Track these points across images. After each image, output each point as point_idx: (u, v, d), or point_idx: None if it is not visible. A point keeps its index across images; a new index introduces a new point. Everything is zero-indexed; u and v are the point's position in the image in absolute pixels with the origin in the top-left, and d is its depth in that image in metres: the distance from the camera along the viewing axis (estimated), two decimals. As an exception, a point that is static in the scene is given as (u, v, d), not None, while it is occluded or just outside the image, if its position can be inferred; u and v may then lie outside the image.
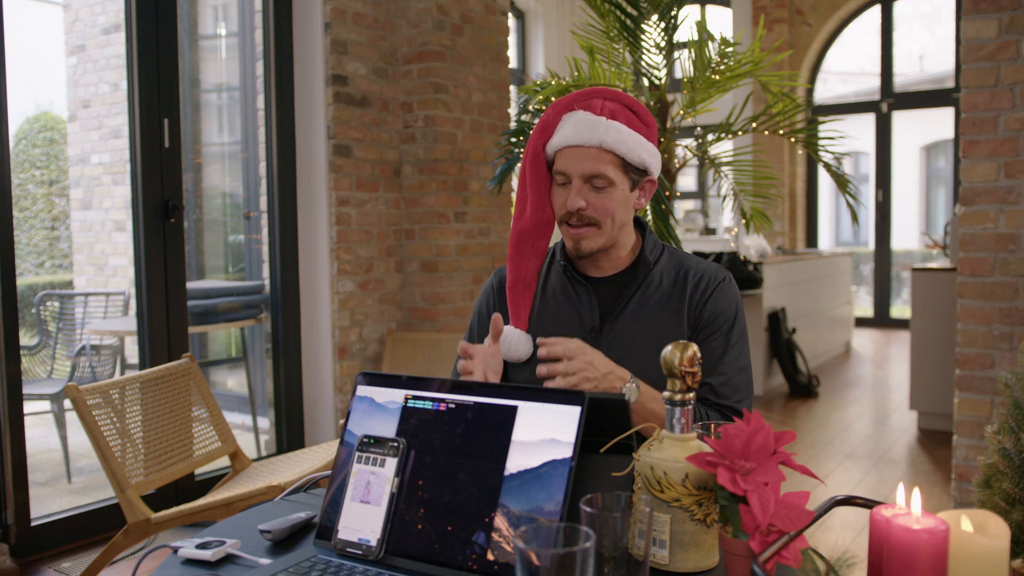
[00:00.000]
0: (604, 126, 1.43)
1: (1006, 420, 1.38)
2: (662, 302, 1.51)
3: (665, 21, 3.40)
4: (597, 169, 1.44)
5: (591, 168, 1.44)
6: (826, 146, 3.61)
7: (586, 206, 1.45)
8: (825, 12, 8.40)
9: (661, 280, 1.52)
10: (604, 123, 1.43)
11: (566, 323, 1.54)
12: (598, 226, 1.47)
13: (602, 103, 1.47)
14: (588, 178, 1.45)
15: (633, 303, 1.51)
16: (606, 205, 1.46)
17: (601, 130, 1.43)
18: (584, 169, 1.44)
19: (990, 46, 2.90)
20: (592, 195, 1.45)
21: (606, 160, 1.44)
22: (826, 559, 1.03)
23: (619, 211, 1.47)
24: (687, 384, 1.02)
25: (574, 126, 1.45)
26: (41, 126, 5.72)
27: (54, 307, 4.49)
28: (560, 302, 1.56)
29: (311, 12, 3.76)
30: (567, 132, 1.46)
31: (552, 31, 7.73)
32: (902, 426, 4.73)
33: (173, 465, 2.48)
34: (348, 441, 1.16)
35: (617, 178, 1.45)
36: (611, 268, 1.55)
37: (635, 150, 1.45)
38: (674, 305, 1.51)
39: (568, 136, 1.45)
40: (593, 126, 1.43)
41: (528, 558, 0.78)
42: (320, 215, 3.80)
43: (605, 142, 1.43)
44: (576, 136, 1.44)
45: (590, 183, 1.45)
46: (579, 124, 1.45)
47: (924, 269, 4.66)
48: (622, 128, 1.44)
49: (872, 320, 8.89)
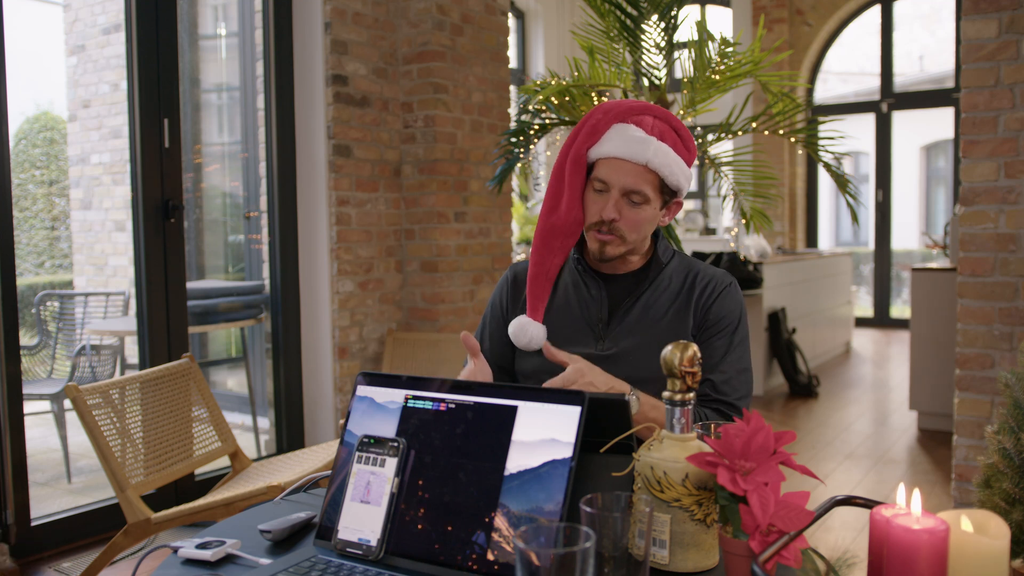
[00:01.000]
0: (654, 147, 1.48)
1: (1006, 420, 1.38)
2: (669, 302, 1.55)
3: (665, 21, 3.40)
4: (638, 186, 1.49)
5: (632, 184, 1.49)
6: (826, 146, 3.60)
7: (619, 218, 1.50)
8: (825, 12, 8.40)
9: (670, 282, 1.57)
10: (654, 144, 1.48)
11: (575, 316, 1.58)
12: (624, 238, 1.51)
13: (653, 121, 1.51)
14: (627, 192, 1.49)
15: (642, 301, 1.55)
16: (637, 220, 1.51)
17: (651, 150, 1.48)
18: (626, 184, 1.49)
19: (990, 46, 2.90)
20: (627, 209, 1.50)
21: (648, 179, 1.49)
22: (826, 559, 1.03)
23: (646, 227, 1.53)
24: (687, 384, 1.02)
25: (624, 140, 1.49)
26: (41, 126, 5.72)
27: (54, 307, 4.49)
28: (571, 295, 1.60)
29: (311, 12, 3.76)
30: (617, 144, 1.49)
31: (552, 31, 7.73)
32: (902, 426, 4.73)
33: (173, 465, 2.48)
34: (348, 441, 1.16)
35: (652, 197, 1.51)
36: (623, 268, 1.60)
37: (675, 173, 1.51)
38: (680, 306, 1.55)
39: (617, 148, 1.49)
40: (644, 145, 1.48)
41: (528, 558, 0.78)
42: (320, 215, 3.80)
43: (652, 162, 1.48)
44: (625, 150, 1.48)
45: (628, 197, 1.50)
46: (630, 140, 1.49)
47: (924, 269, 4.66)
48: (668, 151, 1.49)
49: (872, 320, 8.89)
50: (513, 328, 1.58)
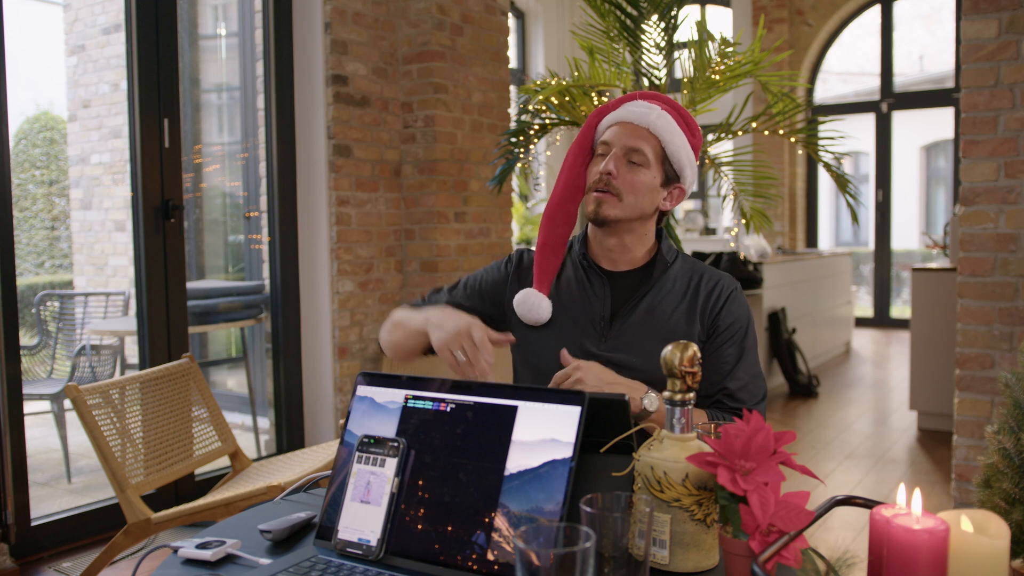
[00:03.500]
0: (656, 113, 1.53)
1: (1006, 420, 1.38)
2: (674, 303, 1.55)
3: (665, 21, 3.40)
4: (638, 144, 1.52)
5: (633, 142, 1.53)
6: (826, 146, 3.60)
7: (616, 174, 1.52)
8: (825, 12, 8.40)
9: (675, 283, 1.57)
10: (657, 110, 1.54)
11: (578, 311, 1.57)
12: (620, 198, 1.53)
13: (660, 102, 1.57)
14: (628, 151, 1.53)
15: (646, 301, 1.55)
16: (634, 181, 1.52)
17: (653, 116, 1.53)
18: (627, 142, 1.53)
19: (990, 46, 2.90)
20: (625, 168, 1.53)
21: (649, 142, 1.53)
22: (826, 559, 1.02)
23: (644, 192, 1.54)
24: (687, 384, 1.02)
25: (628, 108, 1.56)
26: (41, 126, 5.72)
27: (54, 307, 4.49)
28: (574, 291, 1.59)
29: (311, 12, 3.76)
30: (621, 112, 1.56)
31: (552, 31, 7.72)
32: (902, 426, 4.73)
33: (173, 465, 2.48)
34: (348, 441, 1.16)
35: (653, 162, 1.54)
36: (626, 264, 1.59)
37: (677, 144, 1.54)
38: (685, 307, 1.54)
39: (621, 115, 1.56)
40: (647, 110, 1.54)
41: (528, 558, 0.78)
42: (320, 215, 3.80)
43: (654, 125, 1.53)
44: (628, 115, 1.55)
45: (628, 157, 1.53)
46: (634, 107, 1.56)
47: (924, 269, 4.66)
48: (671, 122, 1.54)
49: (872, 320, 8.89)
50: (519, 298, 1.56)
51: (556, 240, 1.60)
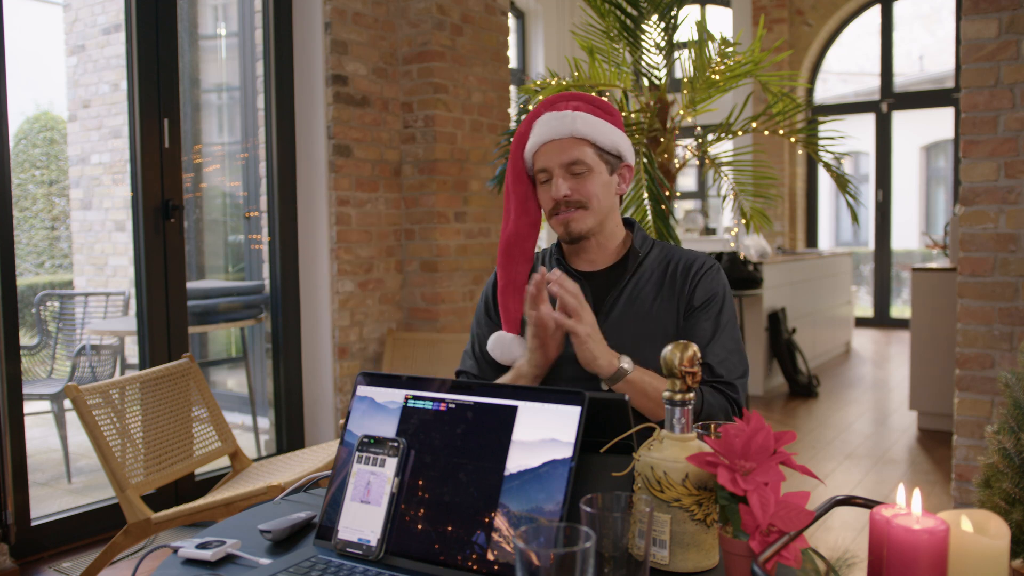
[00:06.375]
0: (571, 117, 1.52)
1: (1006, 420, 1.38)
2: (654, 292, 1.56)
3: (665, 21, 3.40)
4: (573, 156, 1.52)
5: (568, 156, 1.52)
6: (826, 146, 3.61)
7: (571, 192, 1.52)
8: (825, 12, 8.40)
9: (652, 272, 1.58)
10: (571, 114, 1.52)
11: None
12: (585, 207, 1.53)
13: (565, 103, 1.56)
14: (567, 166, 1.52)
15: (626, 294, 1.56)
16: (588, 188, 1.53)
17: (568, 121, 1.52)
18: (562, 159, 1.52)
19: (990, 46, 2.90)
20: (574, 181, 1.53)
21: (581, 147, 1.52)
22: (826, 559, 1.02)
23: (601, 194, 1.54)
24: (687, 384, 1.02)
25: (545, 125, 1.54)
26: (41, 126, 5.72)
27: (54, 307, 4.49)
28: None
29: (311, 12, 3.76)
30: (540, 132, 1.55)
31: (552, 31, 7.72)
32: (902, 426, 4.73)
33: (173, 465, 2.48)
34: (348, 441, 1.16)
35: (594, 163, 1.53)
36: (602, 262, 1.61)
37: (605, 134, 1.53)
38: (665, 293, 1.55)
39: (541, 135, 1.54)
40: (561, 119, 1.53)
41: (528, 558, 0.78)
42: (320, 215, 3.80)
43: (576, 130, 1.52)
44: (548, 132, 1.53)
45: (569, 171, 1.52)
46: (549, 122, 1.54)
47: (924, 269, 4.66)
48: (588, 116, 1.53)
49: (872, 320, 8.89)
50: (492, 344, 1.59)
51: (518, 280, 1.59)
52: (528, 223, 1.59)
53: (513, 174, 1.60)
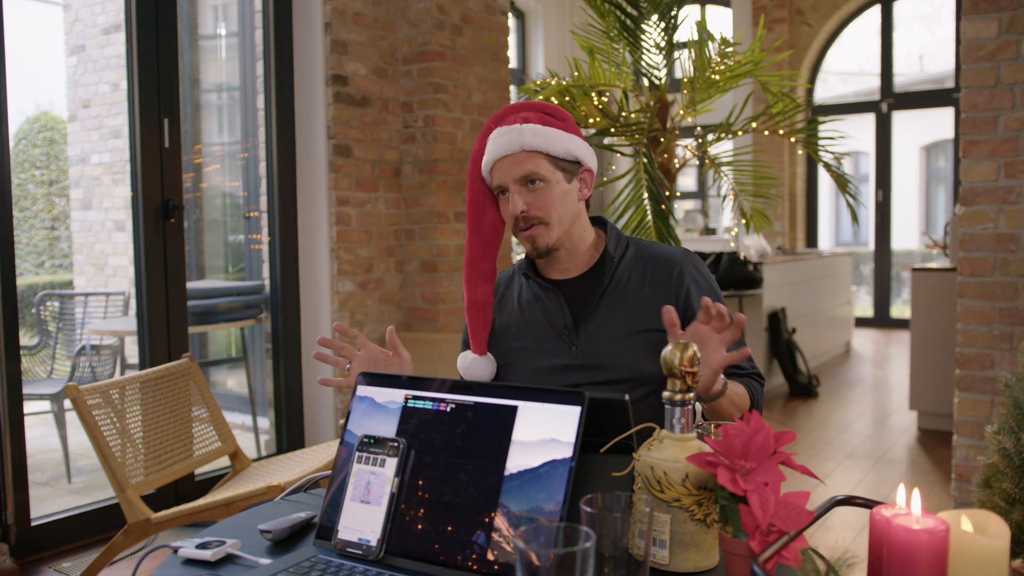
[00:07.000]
0: (519, 130, 1.50)
1: (1006, 420, 1.38)
2: (635, 291, 1.54)
3: (665, 21, 3.40)
4: (526, 170, 1.50)
5: (520, 171, 1.50)
6: (826, 146, 3.61)
7: (527, 208, 1.51)
8: (825, 12, 8.40)
9: (630, 275, 1.56)
10: (519, 128, 1.50)
11: (541, 327, 1.58)
12: (545, 223, 1.52)
13: (514, 115, 1.55)
14: (522, 181, 1.51)
15: (604, 301, 1.54)
16: (545, 201, 1.51)
17: (517, 134, 1.50)
18: (514, 174, 1.51)
19: (990, 46, 2.90)
20: (530, 196, 1.51)
21: (533, 159, 1.50)
22: (826, 559, 1.02)
23: (560, 204, 1.52)
24: (687, 384, 1.02)
25: (495, 141, 1.53)
26: (41, 126, 5.72)
27: (54, 307, 4.49)
28: (535, 310, 1.60)
29: (311, 12, 3.76)
30: (492, 148, 1.53)
31: (552, 31, 7.72)
32: (902, 426, 4.73)
33: (173, 465, 2.48)
34: (348, 441, 1.16)
35: (549, 173, 1.51)
36: (575, 269, 1.59)
37: (557, 142, 1.51)
38: (647, 294, 1.53)
39: (493, 151, 1.53)
40: (510, 133, 1.51)
41: (528, 558, 0.78)
42: (320, 215, 3.80)
43: (526, 143, 1.50)
44: (499, 148, 1.51)
45: (525, 185, 1.51)
46: (499, 137, 1.52)
47: (924, 269, 4.66)
48: (537, 127, 1.51)
49: (872, 320, 8.89)
50: (462, 366, 1.61)
51: (482, 299, 1.61)
52: (480, 243, 1.59)
53: (469, 193, 1.59)
